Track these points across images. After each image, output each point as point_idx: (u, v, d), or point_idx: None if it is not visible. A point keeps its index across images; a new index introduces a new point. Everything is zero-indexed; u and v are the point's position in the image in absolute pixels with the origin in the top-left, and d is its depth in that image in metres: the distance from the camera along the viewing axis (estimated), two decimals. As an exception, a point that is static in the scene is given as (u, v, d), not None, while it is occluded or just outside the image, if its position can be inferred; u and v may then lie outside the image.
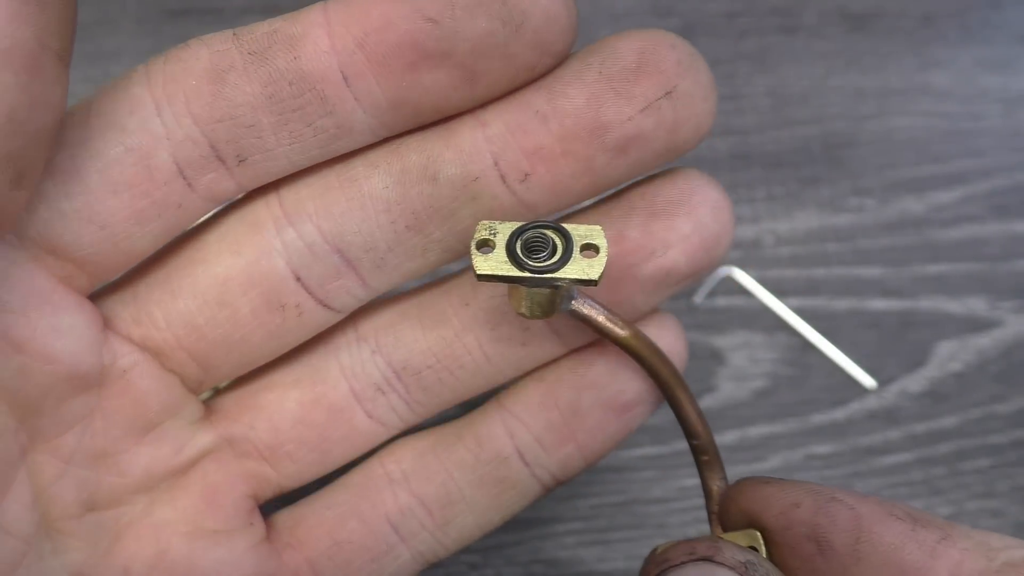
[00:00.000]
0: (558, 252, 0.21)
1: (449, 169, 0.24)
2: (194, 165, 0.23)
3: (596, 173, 0.25)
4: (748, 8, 0.54)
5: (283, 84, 0.23)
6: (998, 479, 0.41)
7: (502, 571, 0.39)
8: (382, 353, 0.27)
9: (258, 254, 0.25)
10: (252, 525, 0.27)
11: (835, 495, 0.21)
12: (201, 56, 0.23)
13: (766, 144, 0.50)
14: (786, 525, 0.21)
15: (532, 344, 0.27)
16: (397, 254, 0.25)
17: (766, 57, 0.53)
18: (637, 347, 0.24)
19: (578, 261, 0.21)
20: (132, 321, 0.25)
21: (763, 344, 0.44)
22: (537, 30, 0.23)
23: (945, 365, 0.44)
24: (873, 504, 0.20)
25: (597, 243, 0.21)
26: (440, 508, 0.28)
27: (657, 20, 0.54)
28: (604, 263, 0.21)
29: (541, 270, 0.21)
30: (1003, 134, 0.50)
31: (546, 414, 0.27)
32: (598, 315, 0.23)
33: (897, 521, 0.19)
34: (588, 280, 0.21)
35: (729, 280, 0.45)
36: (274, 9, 0.54)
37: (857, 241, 0.47)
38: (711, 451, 0.25)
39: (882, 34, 0.53)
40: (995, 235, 0.47)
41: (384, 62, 0.22)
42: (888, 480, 0.41)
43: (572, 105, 0.24)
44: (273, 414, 0.27)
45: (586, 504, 0.41)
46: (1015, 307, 0.45)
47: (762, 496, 0.22)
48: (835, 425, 0.43)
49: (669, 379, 0.25)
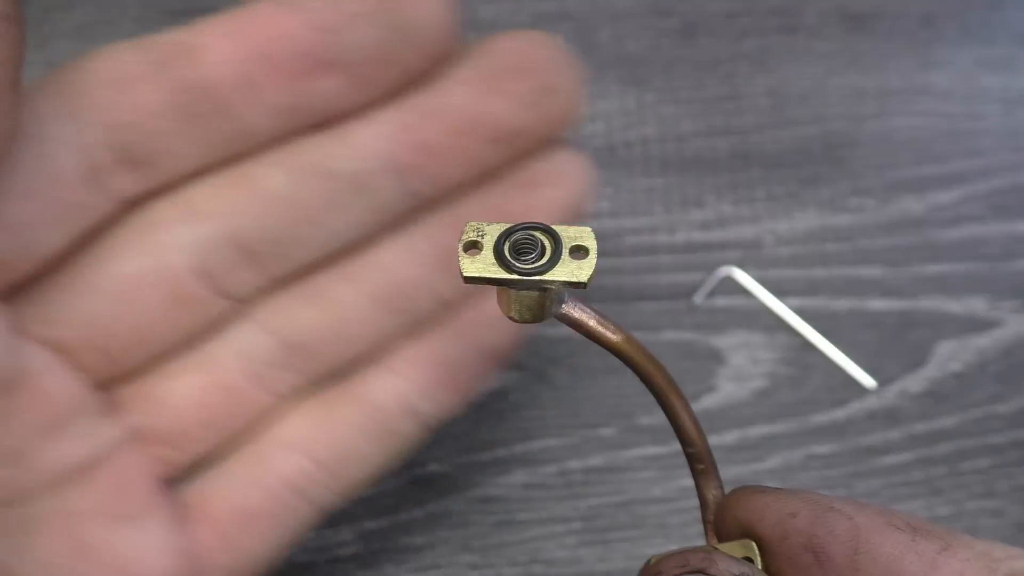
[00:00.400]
0: (547, 254, 0.21)
1: (343, 165, 0.27)
2: (102, 169, 0.25)
3: (479, 164, 0.28)
4: (748, 8, 0.54)
5: (186, 92, 0.25)
6: (998, 479, 0.41)
7: (502, 571, 0.39)
8: (273, 332, 0.29)
9: (162, 251, 0.26)
10: (165, 507, 0.29)
11: (833, 504, 0.20)
12: (109, 65, 0.25)
13: (766, 144, 0.50)
14: (783, 535, 0.21)
15: (415, 309, 0.30)
16: (294, 246, 0.27)
17: (766, 57, 0.53)
18: (629, 352, 0.23)
19: (567, 263, 0.21)
20: (42, 322, 0.26)
21: (763, 344, 0.44)
22: (421, 36, 0.26)
23: (945, 365, 0.44)
24: (872, 513, 0.20)
25: (586, 244, 0.21)
26: (333, 465, 0.30)
27: (657, 20, 0.54)
28: (594, 265, 0.21)
29: (529, 272, 0.20)
30: (1003, 134, 0.50)
31: (427, 369, 0.30)
32: (589, 319, 0.22)
33: (896, 531, 0.19)
34: (577, 283, 0.20)
35: (729, 280, 0.45)
36: (274, 9, 0.54)
37: (857, 241, 0.47)
38: (707, 459, 0.25)
39: (882, 34, 0.53)
40: (995, 235, 0.47)
41: (281, 70, 0.25)
42: (888, 480, 0.41)
43: (456, 103, 0.27)
44: (175, 401, 0.29)
45: (586, 504, 0.41)
46: (1015, 307, 0.45)
47: (758, 505, 0.22)
48: (835, 425, 0.43)
49: (663, 385, 0.24)
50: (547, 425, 0.42)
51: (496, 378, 0.42)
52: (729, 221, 0.47)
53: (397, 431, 0.30)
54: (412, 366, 0.30)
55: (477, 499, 0.41)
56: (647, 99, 0.51)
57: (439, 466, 0.41)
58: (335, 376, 0.30)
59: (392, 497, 0.41)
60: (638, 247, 0.47)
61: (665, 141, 0.50)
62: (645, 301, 0.45)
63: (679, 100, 0.51)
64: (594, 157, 0.50)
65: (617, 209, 0.48)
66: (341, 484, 0.31)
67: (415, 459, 0.41)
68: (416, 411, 0.30)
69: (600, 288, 0.45)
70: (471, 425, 0.42)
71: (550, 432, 0.42)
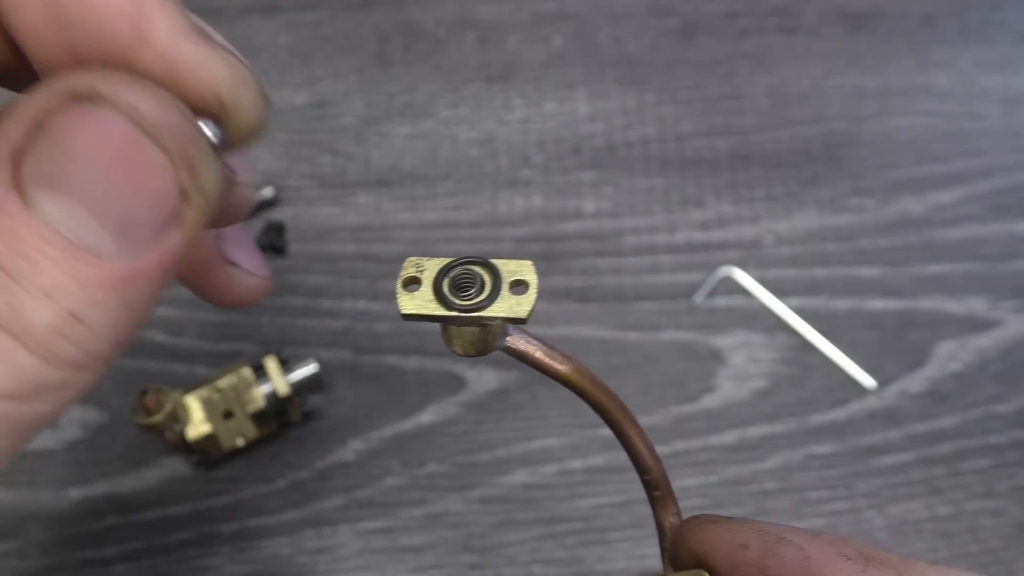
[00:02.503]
0: (487, 289, 0.20)
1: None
2: None
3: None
4: (748, 8, 0.54)
5: None
6: (998, 479, 0.41)
7: (502, 571, 0.39)
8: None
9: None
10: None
11: (784, 535, 0.20)
12: None
13: (766, 144, 0.50)
14: (734, 568, 0.20)
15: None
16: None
17: (766, 57, 0.53)
18: (579, 383, 0.23)
19: (506, 298, 0.20)
20: None
21: (763, 344, 0.44)
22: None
23: (945, 365, 0.44)
24: (824, 543, 0.19)
25: (527, 278, 0.20)
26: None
27: (657, 20, 0.54)
28: (534, 300, 0.20)
29: (468, 308, 0.20)
30: (1003, 134, 0.50)
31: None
32: (535, 351, 0.22)
33: (847, 562, 0.19)
34: (517, 319, 0.20)
35: (729, 280, 0.45)
36: (274, 9, 0.54)
37: (857, 241, 0.47)
38: (663, 486, 0.24)
39: (882, 34, 0.53)
40: (995, 235, 0.47)
41: None
42: (888, 480, 0.41)
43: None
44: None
45: (586, 504, 0.41)
46: (1015, 307, 0.45)
47: (710, 536, 0.21)
48: (835, 425, 0.43)
49: (616, 413, 0.24)
50: (547, 425, 0.42)
51: (496, 378, 0.42)
52: (729, 221, 0.47)
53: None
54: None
55: (477, 499, 0.41)
56: (647, 99, 0.51)
57: (439, 466, 0.41)
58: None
59: (392, 497, 0.41)
60: (638, 247, 0.47)
61: (665, 141, 0.50)
62: (645, 301, 0.45)
63: (679, 100, 0.51)
64: (594, 157, 0.51)
65: (617, 209, 0.48)
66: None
67: (415, 459, 0.42)
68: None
69: (600, 288, 0.45)
70: (471, 425, 0.42)
71: (550, 432, 0.42)
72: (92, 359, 0.16)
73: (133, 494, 0.40)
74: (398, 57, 0.52)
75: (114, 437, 0.41)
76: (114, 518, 0.40)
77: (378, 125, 0.50)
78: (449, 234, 0.47)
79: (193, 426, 0.38)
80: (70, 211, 0.15)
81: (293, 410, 0.40)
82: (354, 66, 0.52)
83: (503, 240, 0.46)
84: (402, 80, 0.51)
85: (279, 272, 0.46)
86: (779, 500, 0.41)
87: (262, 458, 0.41)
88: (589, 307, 0.45)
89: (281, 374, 0.40)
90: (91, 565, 0.39)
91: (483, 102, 0.51)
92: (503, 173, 0.49)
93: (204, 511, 0.40)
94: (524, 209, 0.47)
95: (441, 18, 0.53)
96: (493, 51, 0.52)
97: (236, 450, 0.40)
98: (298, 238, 0.46)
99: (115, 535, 0.39)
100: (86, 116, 0.15)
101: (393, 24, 0.53)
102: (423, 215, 0.47)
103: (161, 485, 0.41)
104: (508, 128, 0.50)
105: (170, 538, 0.40)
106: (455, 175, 0.48)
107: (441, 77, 0.52)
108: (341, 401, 0.43)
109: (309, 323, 0.44)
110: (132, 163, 0.15)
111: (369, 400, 0.43)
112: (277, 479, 0.41)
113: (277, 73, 0.52)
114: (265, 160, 0.49)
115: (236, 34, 0.53)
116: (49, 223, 0.15)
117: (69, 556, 0.39)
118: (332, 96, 0.51)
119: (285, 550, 0.39)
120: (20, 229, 0.15)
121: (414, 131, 0.50)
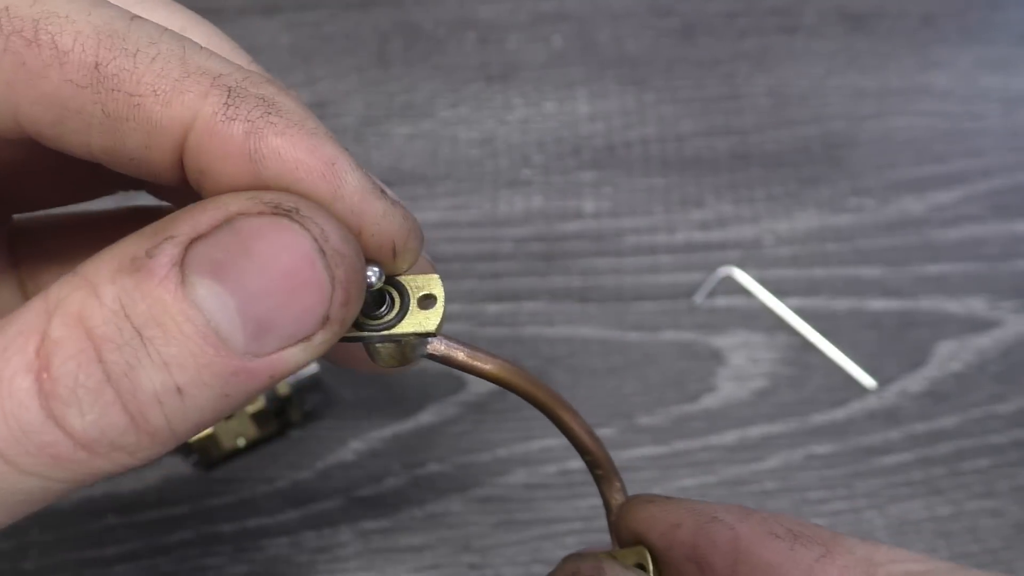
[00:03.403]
0: (396, 306, 0.21)
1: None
2: None
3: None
4: (748, 8, 0.54)
5: None
6: (998, 479, 0.41)
7: (502, 571, 0.39)
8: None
9: None
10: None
11: (716, 514, 0.20)
12: None
13: (766, 144, 0.50)
14: (668, 546, 0.21)
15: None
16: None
17: (766, 57, 0.53)
18: (507, 378, 0.23)
19: (415, 314, 0.21)
20: None
21: (763, 344, 0.44)
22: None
23: (945, 365, 0.44)
24: (755, 522, 0.20)
25: (434, 292, 0.21)
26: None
27: (657, 20, 0.54)
28: (442, 313, 0.21)
29: (378, 327, 0.20)
30: (1003, 134, 0.50)
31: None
32: (458, 353, 0.22)
33: (775, 540, 0.19)
34: (426, 332, 0.21)
35: (729, 280, 0.45)
36: (273, 9, 0.54)
37: (857, 241, 0.47)
38: (605, 465, 0.25)
39: (882, 34, 0.53)
40: (995, 235, 0.47)
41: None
42: (888, 480, 0.41)
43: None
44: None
45: (586, 504, 0.41)
46: (1015, 307, 0.45)
47: (646, 516, 0.22)
48: (835, 425, 0.42)
49: (548, 401, 0.25)
50: (547, 425, 0.42)
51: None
52: (729, 221, 0.47)
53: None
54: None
55: (477, 499, 0.41)
56: (647, 99, 0.51)
57: (439, 466, 0.41)
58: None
59: (392, 497, 0.41)
60: (638, 247, 0.47)
61: (665, 141, 0.50)
62: (645, 301, 0.45)
63: (679, 100, 0.51)
64: (594, 157, 0.51)
65: (617, 209, 0.48)
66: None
67: (415, 459, 0.42)
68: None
69: (600, 288, 0.45)
70: (471, 425, 0.42)
71: (550, 432, 0.42)
72: (170, 435, 0.17)
73: (133, 494, 0.40)
74: (398, 57, 0.52)
75: (114, 437, 0.41)
76: (114, 518, 0.40)
77: (378, 125, 0.50)
78: (449, 234, 0.47)
79: (193, 426, 0.38)
80: (222, 302, 0.16)
81: (293, 410, 0.40)
82: (354, 66, 0.52)
83: (503, 240, 0.46)
84: (402, 80, 0.51)
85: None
86: (779, 500, 0.41)
87: (262, 458, 0.41)
88: (589, 307, 0.45)
89: (281, 374, 0.40)
90: (91, 565, 0.39)
91: (483, 102, 0.51)
92: (503, 173, 0.49)
93: (204, 511, 0.40)
94: (524, 209, 0.47)
95: (441, 18, 0.53)
96: (493, 51, 0.52)
97: (236, 450, 0.40)
98: (298, 238, 0.46)
99: (115, 535, 0.39)
100: (278, 227, 0.17)
101: (393, 24, 0.53)
102: (423, 215, 0.47)
103: (161, 485, 0.41)
104: (508, 128, 0.50)
105: (170, 538, 0.40)
106: (455, 175, 0.48)
107: (441, 77, 0.52)
108: (341, 401, 0.43)
109: (309, 323, 0.44)
110: (299, 278, 0.17)
111: (369, 400, 0.43)
112: (277, 479, 0.41)
113: (277, 73, 0.51)
114: (265, 160, 0.49)
115: (236, 34, 0.53)
116: (197, 305, 0.16)
117: (69, 556, 0.39)
118: (332, 96, 0.51)
119: (285, 550, 0.39)
120: (168, 300, 0.16)
121: (414, 131, 0.50)
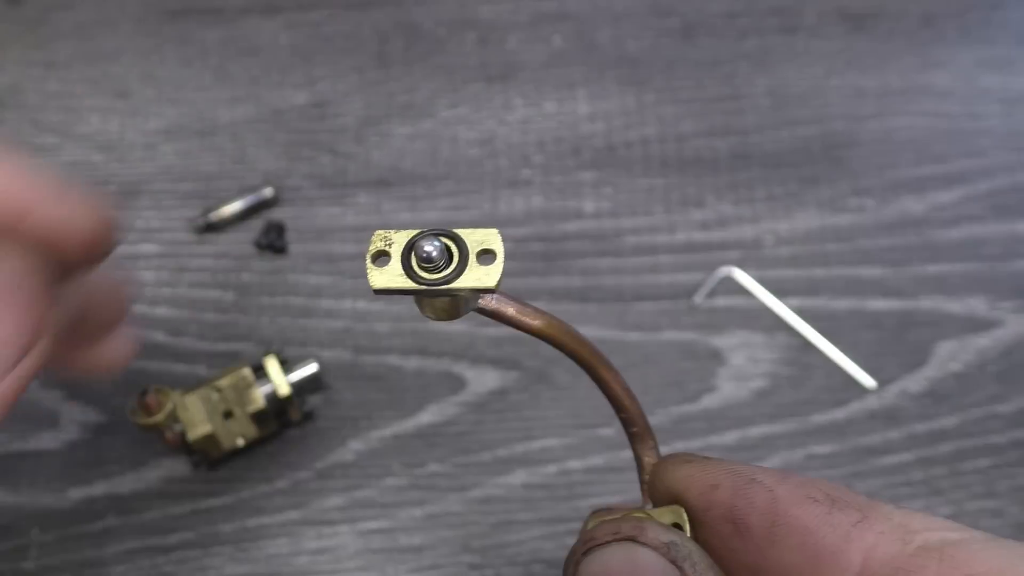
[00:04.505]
0: (455, 260, 0.21)
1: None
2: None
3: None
4: (748, 8, 0.54)
5: None
6: (998, 479, 0.41)
7: (502, 571, 0.39)
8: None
9: None
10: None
11: (755, 476, 0.20)
12: None
13: (766, 144, 0.50)
14: (706, 506, 0.21)
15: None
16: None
17: (766, 57, 0.53)
18: (552, 334, 0.24)
19: (474, 268, 0.20)
20: None
21: (763, 344, 0.44)
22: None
23: (945, 365, 0.44)
24: (793, 485, 0.20)
25: (494, 248, 0.21)
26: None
27: (657, 20, 0.54)
28: (502, 268, 0.20)
29: (436, 282, 0.20)
30: (1003, 134, 0.50)
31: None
32: (507, 308, 0.22)
33: (814, 504, 0.19)
34: (485, 288, 0.20)
35: (729, 280, 0.45)
36: (273, 9, 0.54)
37: (857, 241, 0.47)
38: (640, 423, 0.25)
39: (882, 34, 0.53)
40: (995, 235, 0.47)
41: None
42: (888, 480, 0.41)
43: None
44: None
45: (586, 504, 0.40)
46: (1015, 307, 0.45)
47: (684, 476, 0.22)
48: (835, 425, 0.43)
49: (590, 358, 0.24)
50: (547, 425, 0.42)
51: (496, 378, 0.42)
52: (729, 221, 0.47)
53: None
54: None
55: (477, 499, 0.41)
56: (647, 99, 0.51)
57: (439, 466, 0.41)
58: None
59: (392, 497, 0.41)
60: (638, 247, 0.47)
61: (665, 141, 0.50)
62: (645, 301, 0.45)
63: (679, 100, 0.51)
64: (594, 157, 0.51)
65: (617, 209, 0.48)
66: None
67: (415, 459, 0.42)
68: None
69: (600, 288, 0.45)
70: (471, 425, 0.42)
71: (550, 432, 0.42)
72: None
73: (133, 494, 0.40)
74: (398, 57, 0.52)
75: (114, 437, 0.41)
76: (114, 518, 0.40)
77: (378, 125, 0.50)
78: (449, 234, 0.47)
79: (193, 426, 0.38)
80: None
81: (293, 410, 0.40)
82: (354, 66, 0.52)
83: (503, 240, 0.46)
84: (402, 80, 0.51)
85: (279, 272, 0.46)
86: (779, 500, 0.41)
87: (262, 458, 0.41)
88: (589, 307, 0.45)
89: (281, 374, 0.40)
90: (91, 565, 0.39)
91: (483, 102, 0.51)
92: (503, 173, 0.49)
93: (204, 511, 0.40)
94: (524, 209, 0.47)
95: (441, 18, 0.53)
96: (493, 51, 0.52)
97: (236, 450, 0.40)
98: (298, 238, 0.46)
99: (115, 535, 0.39)
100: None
101: (393, 24, 0.53)
102: (423, 215, 0.47)
103: (161, 485, 0.41)
104: (508, 128, 0.50)
105: (170, 538, 0.40)
106: (455, 175, 0.48)
107: (441, 77, 0.52)
108: (341, 401, 0.43)
109: (309, 323, 0.44)
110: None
111: (369, 400, 0.43)
112: (277, 479, 0.41)
113: (277, 73, 0.52)
114: (265, 160, 0.49)
115: (236, 34, 0.53)
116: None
117: (69, 556, 0.39)
118: (332, 96, 0.51)
119: (285, 550, 0.39)
120: None
121: (414, 131, 0.50)
